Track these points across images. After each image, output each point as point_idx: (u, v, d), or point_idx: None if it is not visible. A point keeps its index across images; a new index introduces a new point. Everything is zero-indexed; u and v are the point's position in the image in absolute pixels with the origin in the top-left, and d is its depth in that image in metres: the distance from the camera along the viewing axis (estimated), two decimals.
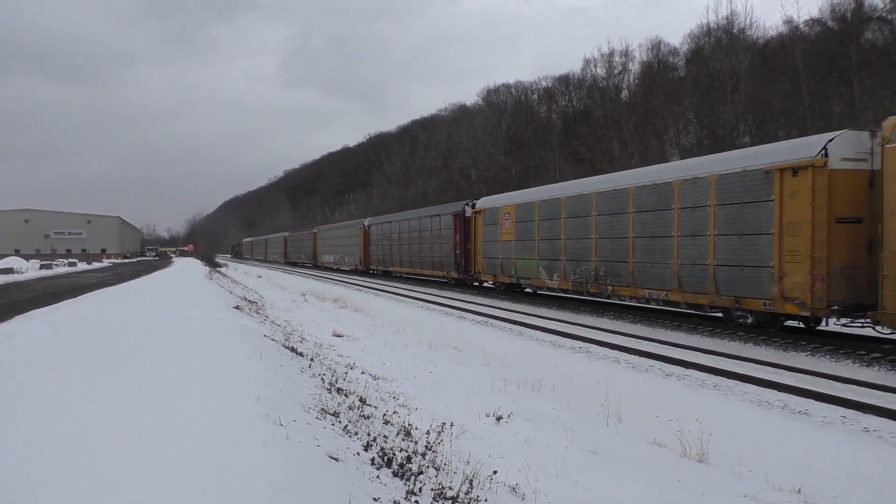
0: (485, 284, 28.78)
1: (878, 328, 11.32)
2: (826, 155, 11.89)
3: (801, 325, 13.81)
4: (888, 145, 10.93)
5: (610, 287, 18.21)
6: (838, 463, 6.10)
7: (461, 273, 29.77)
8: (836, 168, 11.86)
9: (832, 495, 5.26)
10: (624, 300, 18.48)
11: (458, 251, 29.83)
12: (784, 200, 12.61)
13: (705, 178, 14.66)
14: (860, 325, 11.87)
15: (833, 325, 13.06)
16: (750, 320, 14.06)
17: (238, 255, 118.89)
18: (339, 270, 52.20)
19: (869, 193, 11.68)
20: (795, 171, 12.37)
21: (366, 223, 45.86)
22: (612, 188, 18.19)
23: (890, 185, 10.83)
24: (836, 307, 11.80)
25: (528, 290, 24.85)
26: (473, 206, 28.51)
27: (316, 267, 60.70)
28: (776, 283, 12.71)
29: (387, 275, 41.72)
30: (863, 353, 11.43)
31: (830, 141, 12.00)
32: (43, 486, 3.60)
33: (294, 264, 70.57)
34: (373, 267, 44.30)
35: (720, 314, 15.11)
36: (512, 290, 25.78)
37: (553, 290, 21.87)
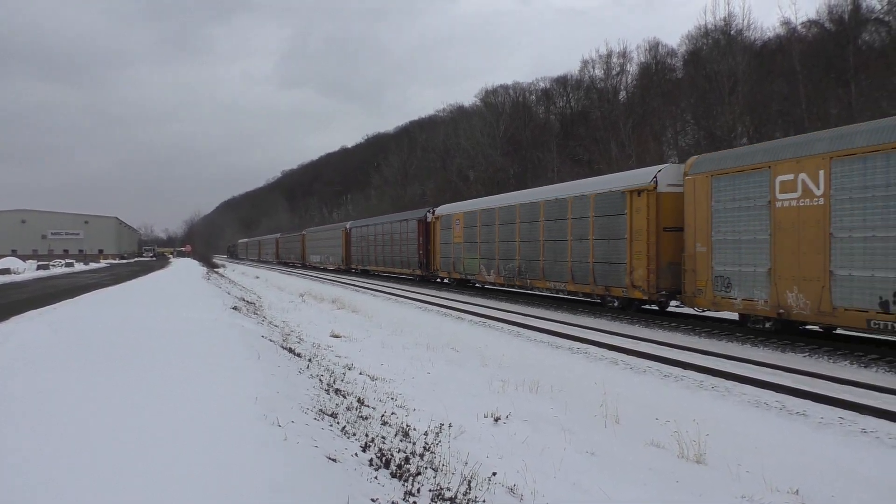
0: (443, 281, 32.22)
1: (686, 307, 15.81)
2: (656, 182, 16.06)
3: (655, 307, 17.76)
4: (687, 177, 15.08)
5: (529, 280, 22.49)
6: (836, 464, 6.11)
7: (423, 270, 33.70)
8: (662, 191, 16.05)
9: (829, 496, 5.27)
10: (539, 291, 22.69)
11: (421, 252, 33.86)
12: (633, 214, 16.79)
13: (588, 196, 18.91)
14: (678, 305, 16.40)
15: (672, 306, 17.37)
16: (616, 304, 18.19)
17: (234, 255, 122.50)
18: (325, 269, 55.59)
19: (683, 210, 15.28)
20: (639, 192, 16.50)
21: (347, 226, 49.96)
22: (531, 201, 22.35)
23: (688, 206, 14.98)
24: (664, 293, 16.20)
25: (475, 284, 28.65)
26: (433, 212, 32.56)
27: (304, 266, 63.77)
28: (628, 275, 17.00)
29: (365, 273, 45.64)
30: (860, 354, 11.45)
31: (659, 171, 16.27)
32: (43, 485, 3.60)
33: (285, 264, 74.00)
34: (353, 266, 47.81)
35: (599, 300, 19.16)
36: (462, 285, 29.80)
37: (491, 283, 26.24)
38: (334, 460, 4.62)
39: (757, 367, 10.65)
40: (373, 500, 4.08)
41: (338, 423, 5.98)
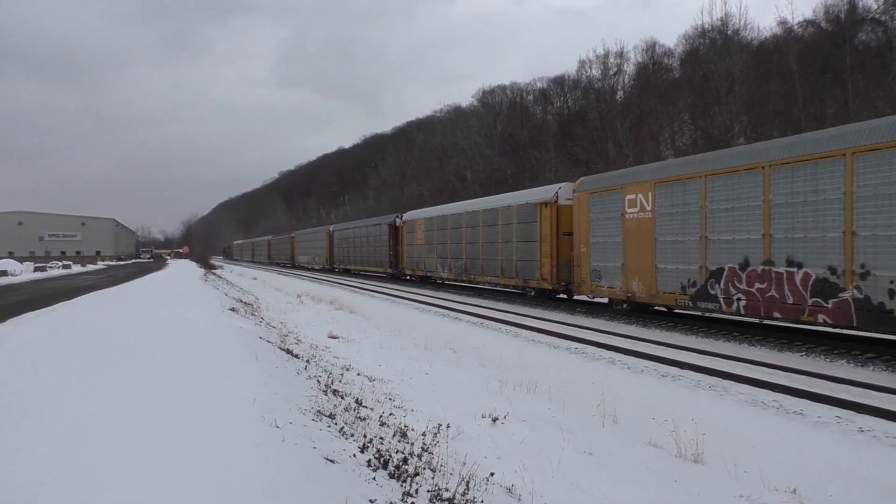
0: (409, 277, 36.91)
1: (577, 295, 20.69)
2: (557, 197, 21.02)
3: (565, 296, 22.22)
4: (575, 193, 19.54)
5: (472, 276, 27.38)
6: (834, 463, 6.12)
7: (393, 269, 38.49)
8: (562, 204, 20.87)
9: (827, 495, 5.28)
10: (479, 284, 28.08)
11: (391, 252, 38.55)
12: (541, 222, 21.59)
13: (512, 206, 23.71)
14: (588, 296, 19.93)
15: (576, 296, 21.29)
16: (532, 293, 23.06)
17: (229, 256, 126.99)
18: (311, 269, 59.41)
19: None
20: (546, 205, 21.38)
21: (330, 229, 54.24)
22: (472, 210, 27.55)
23: (576, 216, 19.49)
24: (563, 283, 20.90)
25: (435, 280, 33.27)
26: (401, 218, 37.43)
27: (294, 266, 67.78)
28: (539, 270, 21.82)
29: (346, 272, 50.12)
30: (857, 353, 11.48)
31: (559, 188, 21.27)
32: (44, 485, 3.60)
33: (276, 264, 78.17)
34: (336, 265, 52.02)
35: (521, 291, 24.11)
36: (425, 281, 34.60)
37: (445, 279, 31.20)
38: (332, 461, 4.62)
39: (754, 366, 10.67)
40: (371, 501, 4.08)
41: (336, 423, 5.98)
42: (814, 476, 5.67)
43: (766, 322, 14.14)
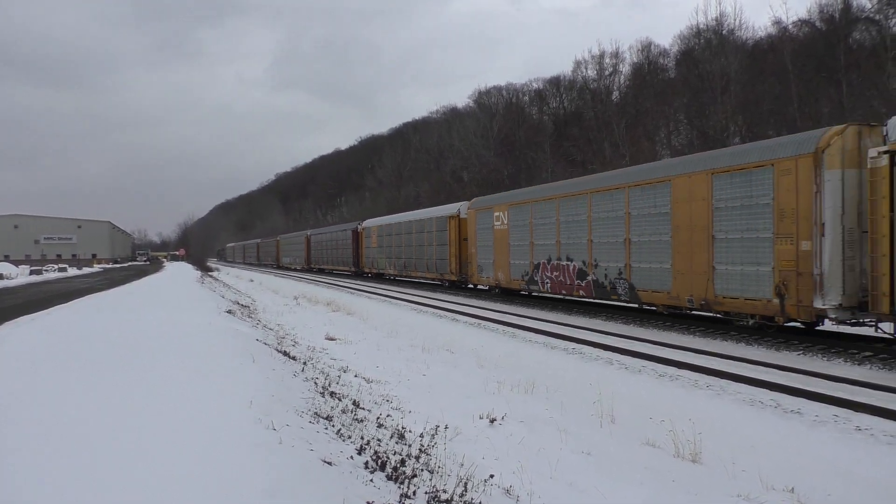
0: (368, 274, 44.47)
1: (470, 284, 27.68)
2: (459, 212, 28.60)
3: (471, 286, 28.38)
4: (468, 210, 27.11)
5: (409, 272, 35.50)
6: (831, 462, 6.12)
7: (356, 268, 46.20)
8: (462, 217, 28.32)
9: (825, 494, 5.27)
10: (413, 279, 36.65)
11: (354, 254, 46.34)
12: (450, 231, 29.29)
13: (433, 218, 31.76)
14: (473, 285, 27.62)
15: (470, 285, 28.40)
16: (447, 285, 30.97)
17: (223, 258, 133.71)
18: (293, 269, 66.26)
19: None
20: (451, 217, 29.22)
21: (308, 234, 62.78)
22: (408, 220, 35.76)
23: (468, 228, 26.98)
24: (463, 276, 27.97)
25: (387, 276, 40.93)
26: (361, 225, 45.67)
27: (278, 266, 74.41)
28: (449, 266, 29.35)
29: (321, 271, 57.24)
30: (854, 351, 11.49)
31: (461, 205, 28.83)
32: (43, 486, 3.58)
33: (264, 265, 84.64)
34: (312, 265, 59.48)
35: (439, 283, 32.06)
36: (379, 277, 42.24)
37: (392, 274, 39.25)
38: (330, 463, 4.60)
39: (751, 365, 10.68)
40: (368, 503, 4.06)
41: (333, 426, 5.96)
42: (812, 475, 5.67)
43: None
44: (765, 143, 14.08)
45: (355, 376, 9.38)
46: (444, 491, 4.58)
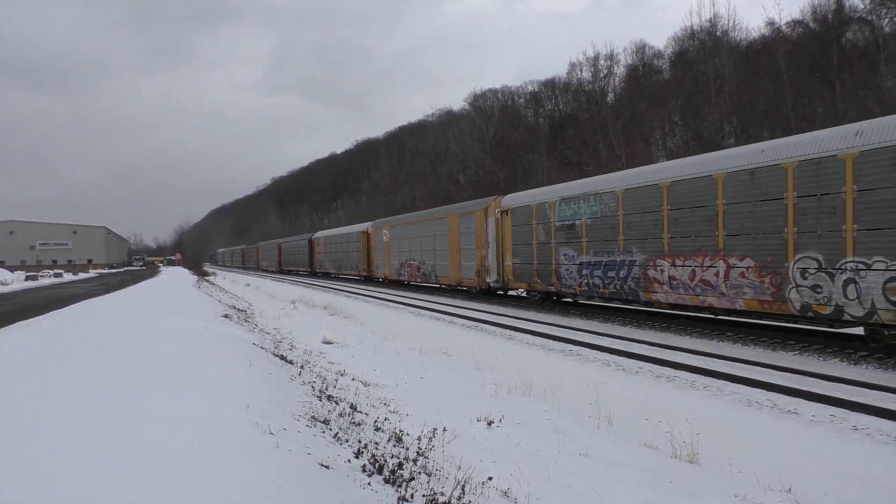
0: (318, 273, 57.37)
1: (376, 277, 41.37)
2: (368, 231, 42.28)
3: (381, 280, 40.40)
4: (372, 228, 42.27)
5: (343, 270, 47.92)
6: (828, 462, 6.13)
7: (310, 268, 58.84)
8: (370, 233, 41.89)
9: (822, 494, 5.28)
10: (346, 274, 48.35)
11: (309, 258, 59.16)
12: (362, 242, 42.61)
13: (353, 233, 45.50)
14: (375, 278, 41.35)
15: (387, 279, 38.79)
16: (381, 280, 39.85)
17: (214, 262, 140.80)
18: (268, 271, 77.71)
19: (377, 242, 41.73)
20: (362, 233, 42.69)
21: (280, 242, 76.16)
22: (340, 233, 49.53)
23: (373, 241, 41.46)
24: (369, 273, 41.65)
25: (331, 275, 53.25)
26: (314, 236, 59.52)
27: (258, 269, 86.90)
28: (362, 265, 42.76)
29: (290, 272, 68.24)
30: (850, 351, 11.52)
31: (369, 225, 43.26)
32: (29, 493, 3.55)
33: (248, 268, 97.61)
34: (283, 268, 71.81)
35: (360, 277, 44.82)
36: (326, 276, 54.95)
37: (334, 273, 51.52)
38: (327, 467, 4.60)
39: (748, 365, 10.70)
40: None
41: (330, 429, 5.96)
42: (809, 475, 5.68)
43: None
44: (470, 203, 29.08)
45: (352, 380, 9.36)
46: (442, 494, 4.58)
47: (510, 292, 25.58)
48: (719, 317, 14.85)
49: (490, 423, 7.00)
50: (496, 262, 23.89)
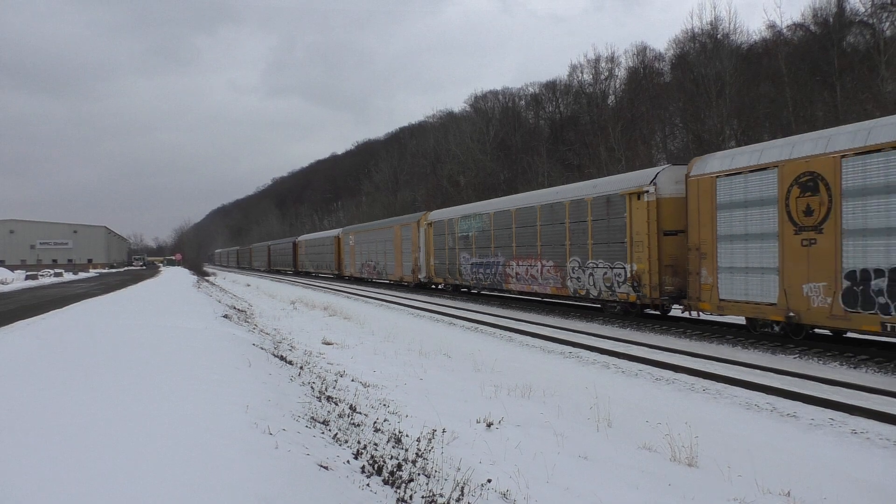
0: (301, 272, 64.83)
1: (345, 275, 49.45)
2: (338, 237, 50.77)
3: (342, 276, 49.88)
4: (340, 234, 51.16)
5: (319, 270, 56.43)
6: (827, 465, 6.13)
7: (294, 268, 66.80)
8: (341, 238, 50.02)
9: (821, 498, 5.29)
10: (321, 273, 56.71)
11: (293, 260, 66.91)
12: (335, 245, 51.02)
13: (326, 238, 55.15)
14: (344, 276, 49.29)
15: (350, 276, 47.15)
16: (348, 277, 47.97)
17: (212, 261, 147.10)
18: (260, 271, 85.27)
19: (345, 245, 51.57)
20: (335, 238, 51.28)
21: (269, 244, 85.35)
22: (317, 238, 60.40)
23: (343, 245, 49.49)
24: (357, 275, 44.87)
25: (311, 274, 60.76)
26: (297, 239, 67.69)
27: (251, 269, 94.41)
28: (334, 265, 51.19)
29: (278, 272, 75.50)
30: (850, 355, 11.52)
31: (340, 230, 51.91)
32: (27, 494, 3.55)
33: (241, 267, 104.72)
34: (272, 268, 79.19)
35: (335, 276, 52.05)
36: (307, 275, 62.30)
37: (312, 272, 59.16)
38: (326, 468, 4.60)
39: (748, 369, 10.70)
40: None
41: (329, 430, 5.96)
42: (808, 478, 5.68)
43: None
44: (409, 216, 34.93)
45: (352, 381, 9.37)
46: (441, 495, 4.58)
47: (434, 285, 32.11)
48: (544, 299, 23.60)
49: (489, 425, 7.00)
50: (425, 262, 31.67)
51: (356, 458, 5.17)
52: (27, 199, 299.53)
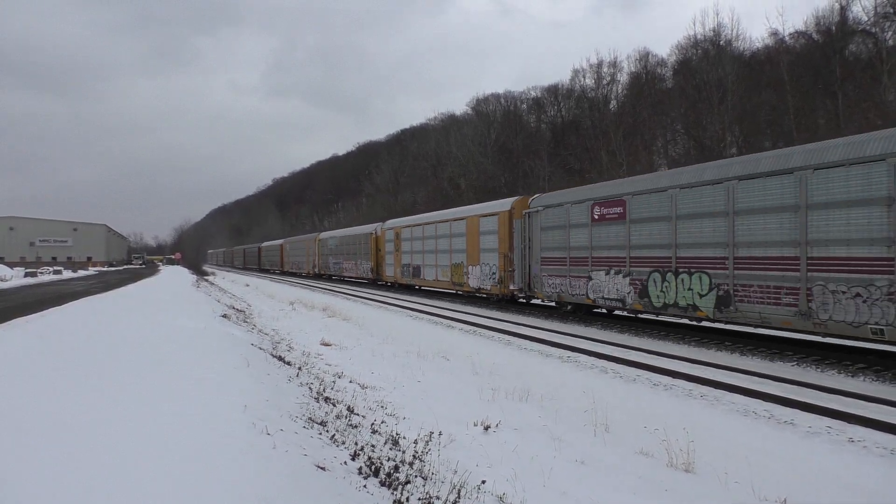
0: (286, 272, 70.12)
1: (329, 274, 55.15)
2: (317, 237, 58.94)
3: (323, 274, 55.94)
4: (318, 239, 59.01)
5: (304, 269, 61.27)
6: (824, 473, 6.13)
7: (280, 268, 72.34)
8: (320, 239, 57.05)
9: None
10: (297, 272, 65.14)
11: (280, 259, 72.71)
12: (314, 246, 57.98)
13: (311, 238, 60.56)
14: (330, 275, 54.08)
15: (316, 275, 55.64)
16: (323, 275, 54.95)
17: (205, 261, 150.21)
18: (251, 269, 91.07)
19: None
20: (313, 239, 59.21)
21: (261, 245, 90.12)
22: (302, 238, 66.65)
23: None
24: (328, 273, 53.08)
25: (293, 273, 66.67)
26: (281, 241, 75.28)
27: (244, 268, 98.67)
28: (322, 266, 55.53)
29: (266, 271, 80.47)
30: (848, 363, 11.53)
31: (317, 234, 60.85)
32: (22, 496, 3.56)
33: (233, 266, 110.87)
34: (262, 267, 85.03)
35: (310, 273, 59.79)
36: (290, 273, 67.56)
37: (294, 271, 66.85)
38: (323, 468, 4.60)
39: (746, 375, 10.70)
40: None
41: (327, 431, 5.96)
42: (805, 486, 5.68)
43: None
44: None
45: (350, 382, 9.37)
46: (438, 497, 4.58)
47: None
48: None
49: (487, 428, 7.00)
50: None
51: (353, 459, 5.18)
52: (27, 197, 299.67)
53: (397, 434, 6.43)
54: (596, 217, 17.97)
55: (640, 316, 17.29)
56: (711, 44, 45.77)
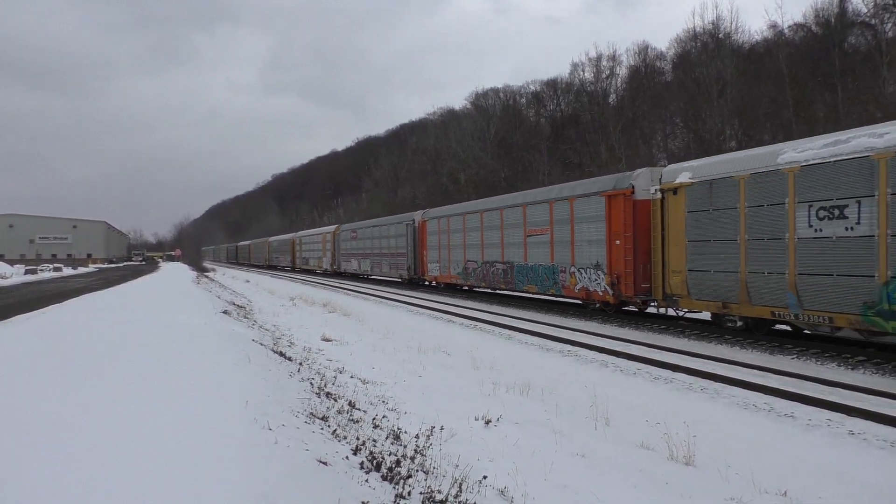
0: (278, 267, 72.43)
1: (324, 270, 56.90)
2: (295, 237, 65.49)
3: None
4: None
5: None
6: (824, 466, 6.15)
7: (267, 263, 76.23)
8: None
9: (817, 497, 5.31)
10: (286, 267, 68.54)
11: (267, 255, 76.48)
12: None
13: (288, 239, 68.41)
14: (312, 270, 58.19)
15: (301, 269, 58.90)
16: (291, 269, 65.59)
17: (207, 257, 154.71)
18: (243, 264, 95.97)
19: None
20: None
21: (250, 242, 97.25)
22: (285, 238, 72.11)
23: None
24: (306, 268, 59.45)
25: (277, 267, 71.81)
26: (268, 239, 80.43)
27: (237, 263, 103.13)
28: (301, 262, 62.04)
29: (254, 266, 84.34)
30: (848, 356, 11.54)
31: (297, 234, 65.97)
32: (23, 491, 3.57)
33: (231, 262, 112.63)
34: (252, 262, 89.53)
35: (291, 268, 65.74)
36: (274, 268, 73.29)
37: (278, 266, 72.81)
38: (325, 463, 4.62)
39: (746, 369, 10.71)
40: (363, 503, 4.08)
41: (329, 426, 5.98)
42: (805, 478, 5.70)
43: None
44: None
45: (351, 377, 9.39)
46: (439, 492, 4.60)
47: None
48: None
49: (488, 422, 7.02)
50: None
51: (355, 453, 5.19)
52: (27, 195, 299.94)
53: (399, 429, 6.44)
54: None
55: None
56: (710, 37, 45.70)
